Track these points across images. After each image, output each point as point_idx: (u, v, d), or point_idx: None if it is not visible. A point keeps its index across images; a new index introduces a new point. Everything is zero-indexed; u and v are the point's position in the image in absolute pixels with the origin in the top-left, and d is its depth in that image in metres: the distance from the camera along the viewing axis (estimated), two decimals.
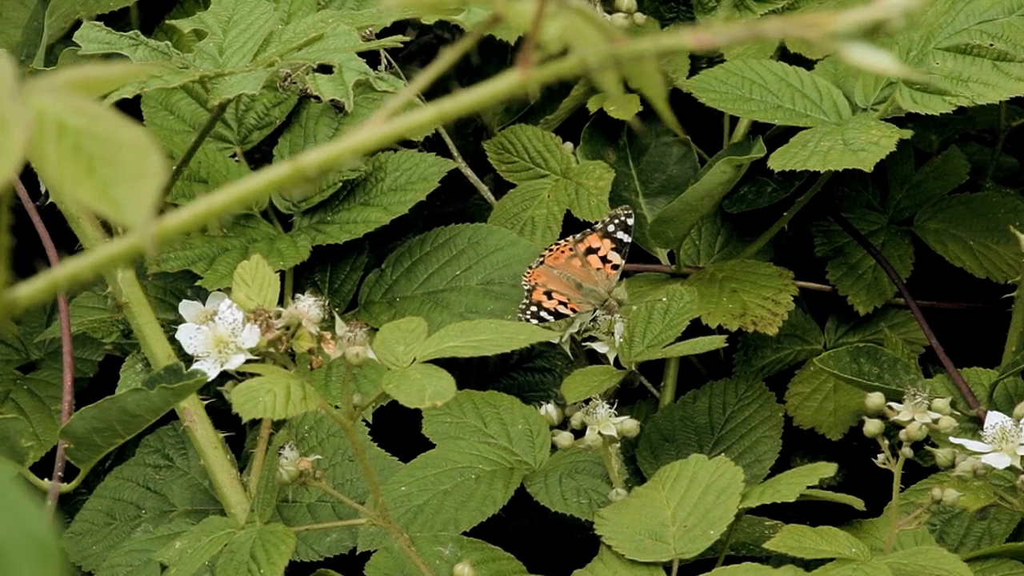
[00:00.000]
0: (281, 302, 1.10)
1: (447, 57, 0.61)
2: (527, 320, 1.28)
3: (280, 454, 1.13)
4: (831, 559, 1.12)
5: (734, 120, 1.45)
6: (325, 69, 1.21)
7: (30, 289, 0.60)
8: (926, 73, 1.29)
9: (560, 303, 1.29)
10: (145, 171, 0.56)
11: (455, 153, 1.48)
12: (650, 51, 0.58)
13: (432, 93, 0.72)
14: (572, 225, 1.38)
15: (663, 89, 0.60)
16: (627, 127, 1.48)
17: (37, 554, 0.53)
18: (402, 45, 1.22)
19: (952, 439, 1.16)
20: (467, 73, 1.55)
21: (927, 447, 1.19)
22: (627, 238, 1.33)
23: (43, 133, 0.56)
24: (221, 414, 1.24)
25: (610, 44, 0.58)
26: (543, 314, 1.28)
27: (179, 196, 1.35)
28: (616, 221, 1.34)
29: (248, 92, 1.18)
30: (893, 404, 1.16)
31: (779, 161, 1.28)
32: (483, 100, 0.59)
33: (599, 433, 1.20)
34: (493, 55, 1.54)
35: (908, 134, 1.27)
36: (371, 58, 1.24)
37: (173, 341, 1.24)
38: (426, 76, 0.62)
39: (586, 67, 0.58)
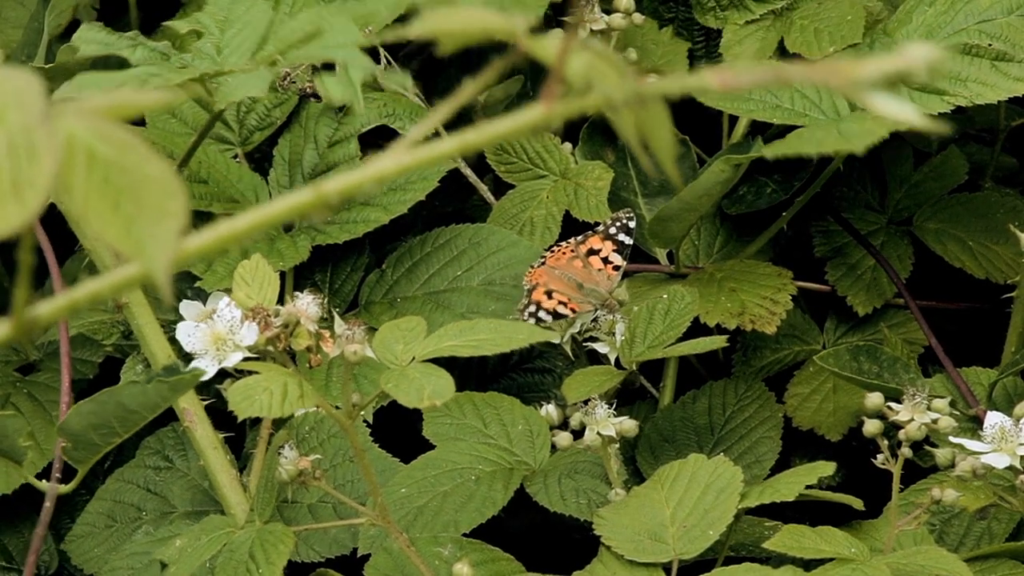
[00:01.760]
0: (281, 302, 1.11)
1: (469, 89, 0.62)
2: (524, 320, 1.28)
3: (280, 454, 1.13)
4: (830, 559, 1.12)
5: (733, 120, 1.45)
6: (328, 66, 1.21)
7: (50, 308, 0.60)
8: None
9: (560, 303, 1.29)
10: (169, 211, 0.55)
11: None
12: (674, 90, 0.58)
13: (431, 91, 0.72)
14: (571, 225, 1.38)
15: (672, 143, 0.61)
16: None
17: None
18: (404, 41, 1.22)
19: (951, 439, 1.16)
20: (468, 65, 1.55)
21: (926, 447, 1.18)
22: (628, 240, 1.34)
23: (72, 162, 0.55)
24: (221, 414, 1.24)
25: (634, 82, 0.58)
26: (541, 314, 1.28)
27: None
28: (618, 224, 1.34)
29: (256, 95, 1.18)
30: (892, 404, 1.16)
31: (774, 150, 1.28)
32: (507, 133, 0.60)
33: (598, 433, 1.20)
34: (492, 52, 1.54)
35: (903, 126, 1.27)
36: (370, 57, 1.24)
37: (173, 342, 1.24)
38: (448, 107, 0.62)
39: (609, 103, 0.59)
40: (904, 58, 0.56)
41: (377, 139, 1.44)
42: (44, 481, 1.28)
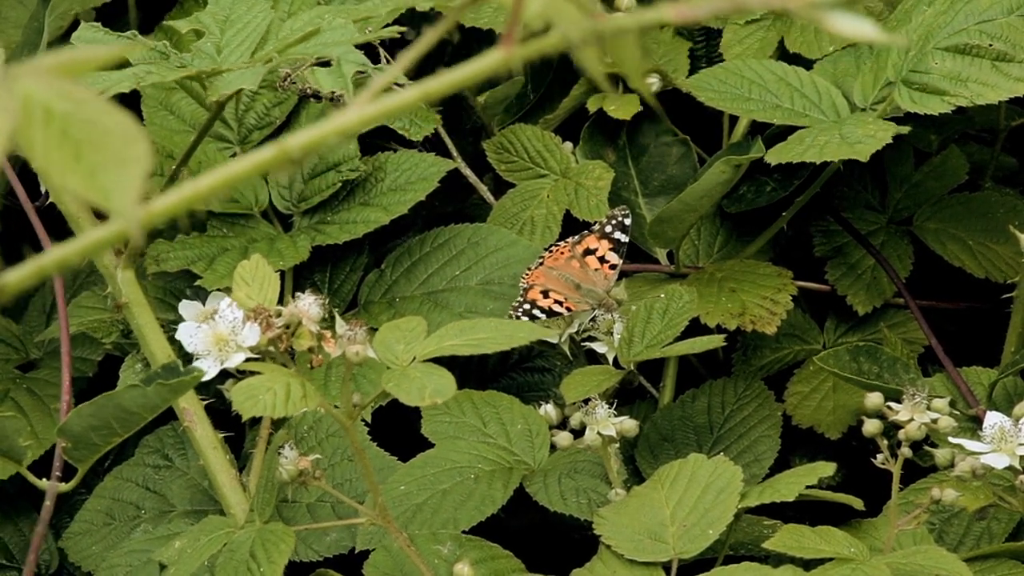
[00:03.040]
0: (281, 302, 1.10)
1: (429, 36, 0.61)
2: (519, 318, 1.28)
3: (280, 453, 1.13)
4: (830, 559, 1.12)
5: (733, 120, 1.45)
6: (324, 64, 1.21)
7: (18, 275, 0.59)
8: (924, 78, 1.29)
9: (555, 301, 1.29)
10: (131, 157, 0.55)
11: (454, 153, 1.48)
12: (631, 26, 0.58)
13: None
14: (572, 225, 1.38)
15: (640, 67, 0.60)
16: (626, 127, 1.48)
17: None
18: (399, 35, 1.22)
19: (951, 439, 1.16)
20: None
21: (926, 447, 1.19)
22: (624, 238, 1.34)
23: (30, 119, 0.56)
24: (221, 414, 1.24)
25: (592, 19, 0.58)
26: (535, 312, 1.28)
27: None
28: (614, 221, 1.34)
29: (246, 87, 1.18)
30: (892, 404, 1.16)
31: (777, 155, 1.28)
32: (467, 78, 0.59)
33: (598, 433, 1.20)
34: (489, 48, 1.54)
35: (905, 129, 1.27)
36: (370, 58, 1.24)
37: (173, 341, 1.24)
38: (409, 55, 0.62)
39: (568, 43, 0.58)
40: None
41: (376, 139, 1.44)
42: (44, 480, 1.28)
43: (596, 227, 1.34)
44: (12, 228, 1.53)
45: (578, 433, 1.22)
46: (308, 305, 1.06)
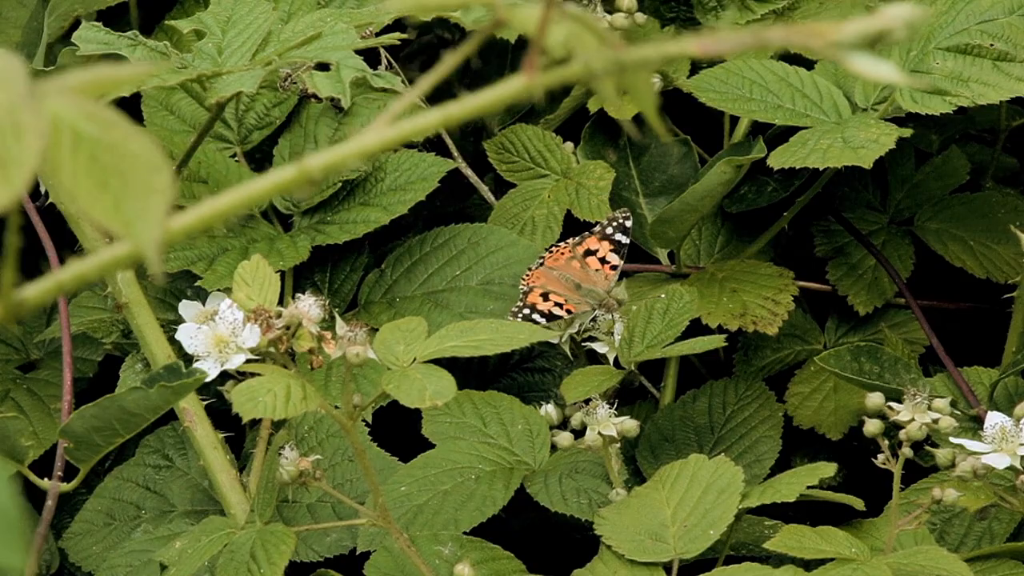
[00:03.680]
0: (281, 302, 1.10)
1: (448, 61, 0.61)
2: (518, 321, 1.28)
3: (280, 454, 1.13)
4: (831, 559, 1.12)
5: (734, 120, 1.45)
6: (323, 68, 1.21)
7: (36, 290, 0.59)
8: (927, 80, 1.28)
9: (556, 304, 1.29)
10: (156, 187, 0.55)
11: (455, 153, 1.48)
12: (655, 58, 0.58)
13: (433, 94, 0.72)
14: (572, 225, 1.38)
15: (654, 100, 0.60)
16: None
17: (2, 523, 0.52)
18: (399, 43, 1.22)
19: (952, 439, 1.16)
20: (467, 72, 1.55)
21: (927, 447, 1.18)
22: (625, 240, 1.34)
23: (59, 141, 0.55)
24: (221, 414, 1.24)
25: (614, 50, 0.58)
26: (535, 316, 1.28)
27: (179, 196, 1.35)
28: (615, 223, 1.34)
29: (246, 90, 1.18)
30: (893, 404, 1.16)
31: (779, 159, 1.28)
32: (489, 105, 0.59)
33: (599, 433, 1.20)
34: (493, 55, 1.54)
35: (907, 132, 1.27)
36: (371, 58, 1.24)
37: (173, 341, 1.24)
38: (428, 80, 0.62)
39: (591, 73, 0.58)
40: (883, 18, 0.56)
41: None
42: (46, 479, 1.28)
43: (597, 229, 1.34)
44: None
45: (579, 433, 1.22)
46: (308, 306, 1.06)
